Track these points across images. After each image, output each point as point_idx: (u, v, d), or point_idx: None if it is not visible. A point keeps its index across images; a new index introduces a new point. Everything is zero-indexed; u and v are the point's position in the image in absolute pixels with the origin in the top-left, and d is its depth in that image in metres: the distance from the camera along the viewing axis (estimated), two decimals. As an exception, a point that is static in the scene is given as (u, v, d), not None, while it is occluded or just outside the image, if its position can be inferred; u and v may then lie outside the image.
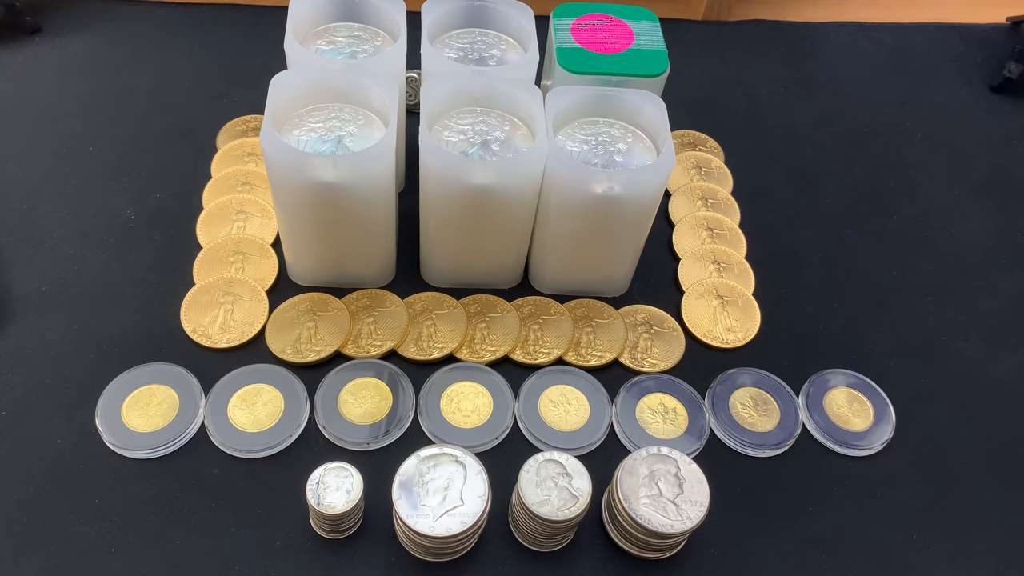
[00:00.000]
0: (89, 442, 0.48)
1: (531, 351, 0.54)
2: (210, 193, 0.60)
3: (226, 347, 0.52)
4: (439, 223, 0.53)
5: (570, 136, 0.53)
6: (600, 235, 0.53)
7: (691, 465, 0.45)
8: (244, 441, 0.48)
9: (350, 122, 0.51)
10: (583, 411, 0.52)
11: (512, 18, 0.56)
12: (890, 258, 0.63)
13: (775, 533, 0.48)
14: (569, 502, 0.43)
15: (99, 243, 0.57)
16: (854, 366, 0.56)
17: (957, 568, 0.48)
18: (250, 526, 0.46)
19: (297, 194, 0.49)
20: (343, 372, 0.52)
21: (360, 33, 0.56)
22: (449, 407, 0.51)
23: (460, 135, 0.51)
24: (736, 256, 0.60)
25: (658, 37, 0.56)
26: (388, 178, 0.49)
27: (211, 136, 0.64)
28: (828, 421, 0.53)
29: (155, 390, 0.50)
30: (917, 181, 0.68)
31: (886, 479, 0.51)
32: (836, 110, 0.73)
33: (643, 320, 0.56)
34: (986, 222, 0.66)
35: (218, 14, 0.73)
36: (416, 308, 0.55)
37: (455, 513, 0.42)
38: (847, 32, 0.80)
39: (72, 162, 0.61)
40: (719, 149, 0.68)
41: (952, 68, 0.78)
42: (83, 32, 0.70)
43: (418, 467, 0.43)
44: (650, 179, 0.49)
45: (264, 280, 0.55)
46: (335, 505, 0.43)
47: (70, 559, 0.44)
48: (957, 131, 0.73)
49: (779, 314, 0.58)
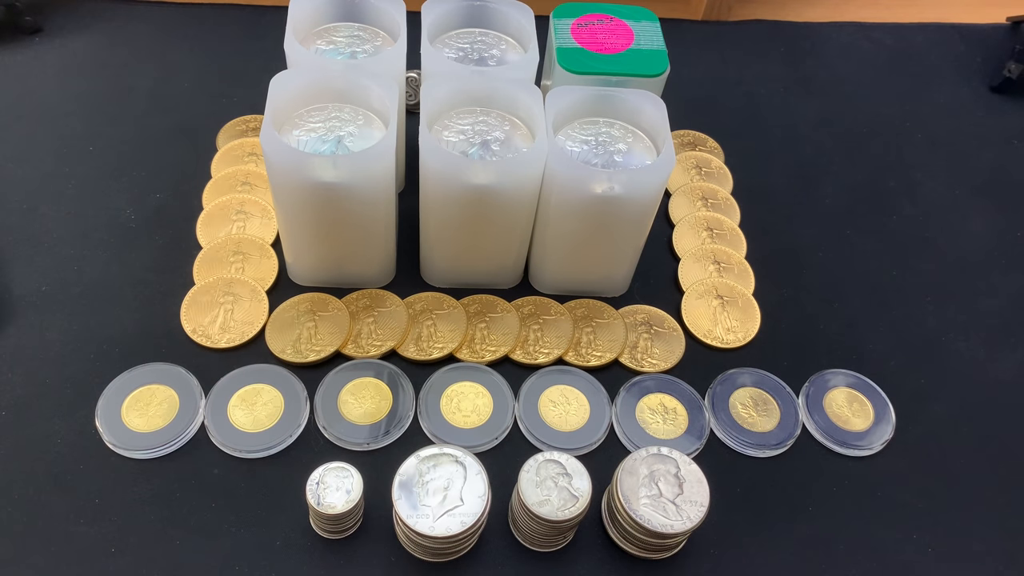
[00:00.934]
0: (89, 442, 0.48)
1: (531, 351, 0.54)
2: (210, 193, 0.60)
3: (226, 347, 0.52)
4: (439, 223, 0.53)
5: (570, 136, 0.53)
6: (600, 235, 0.53)
7: (691, 465, 0.45)
8: (244, 441, 0.48)
9: (350, 122, 0.51)
10: (583, 411, 0.52)
11: (512, 18, 0.56)
12: (890, 258, 0.63)
13: (775, 533, 0.48)
14: (569, 502, 0.43)
15: (99, 243, 0.57)
16: (854, 366, 0.56)
17: (957, 568, 0.48)
18: (250, 526, 0.46)
19: (297, 194, 0.49)
20: (343, 372, 0.52)
21: (360, 33, 0.56)
22: (449, 407, 0.51)
23: (460, 135, 0.51)
24: (736, 256, 0.60)
25: (658, 37, 0.56)
26: (388, 178, 0.49)
27: (211, 136, 0.64)
28: (828, 421, 0.53)
29: (155, 390, 0.50)
30: (917, 181, 0.68)
31: (886, 479, 0.51)
32: (836, 110, 0.73)
33: (643, 320, 0.56)
34: (986, 222, 0.66)
35: (218, 14, 0.73)
36: (416, 308, 0.55)
37: (455, 513, 0.42)
38: (847, 32, 0.80)
39: (72, 162, 0.61)
40: (719, 149, 0.68)
41: (952, 68, 0.78)
42: (83, 32, 0.70)
43: (418, 467, 0.43)
44: (650, 179, 0.49)
45: (264, 280, 0.55)
46: (335, 505, 0.43)
47: (70, 559, 0.44)
48: (957, 131, 0.73)
49: (779, 314, 0.58)
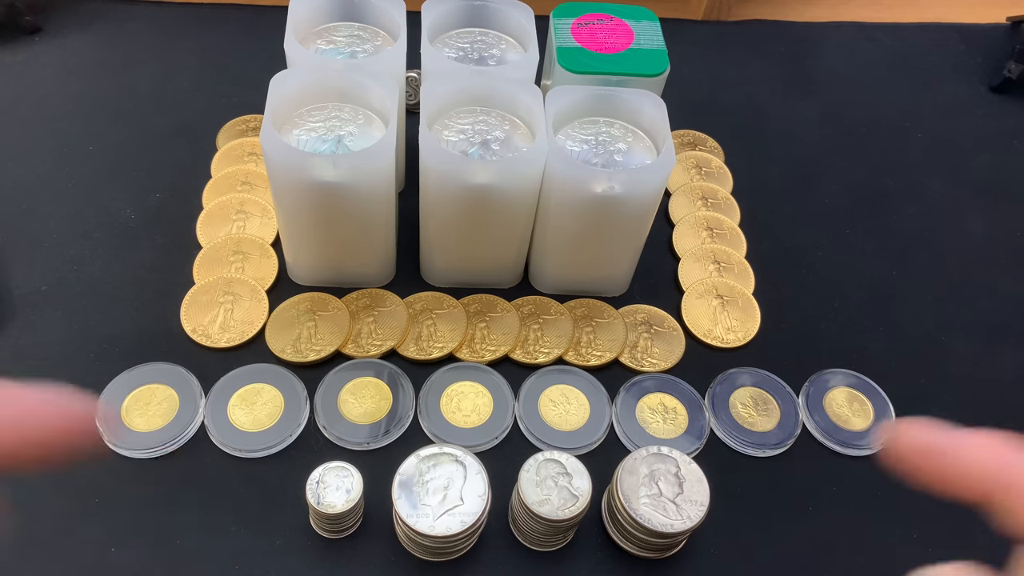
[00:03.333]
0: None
1: (531, 351, 0.54)
2: (210, 193, 0.60)
3: (226, 347, 0.52)
4: (439, 223, 0.53)
5: (570, 136, 0.53)
6: (600, 235, 0.53)
7: (691, 465, 0.45)
8: (244, 441, 0.48)
9: (350, 122, 0.51)
10: (583, 411, 0.52)
11: (512, 18, 0.56)
12: (890, 258, 0.63)
13: (775, 533, 0.48)
14: (569, 502, 0.43)
15: (99, 243, 0.57)
16: (854, 366, 0.56)
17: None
18: (250, 526, 0.46)
19: (297, 194, 0.49)
20: (343, 372, 0.52)
21: (360, 33, 0.56)
22: (449, 407, 0.51)
23: (460, 135, 0.51)
24: (736, 256, 0.60)
25: (658, 37, 0.56)
26: (388, 178, 0.49)
27: (211, 136, 0.64)
28: (828, 421, 0.53)
29: (155, 390, 0.50)
30: (917, 181, 0.68)
31: (886, 479, 0.51)
32: (836, 110, 0.73)
33: (643, 320, 0.56)
34: (986, 222, 0.66)
35: (218, 14, 0.73)
36: (416, 308, 0.55)
37: (455, 513, 0.42)
38: (847, 32, 0.80)
39: (72, 162, 0.61)
40: (719, 149, 0.68)
41: (952, 68, 0.78)
42: (83, 32, 0.70)
43: (418, 467, 0.43)
44: (650, 179, 0.49)
45: (264, 280, 0.55)
46: (335, 505, 0.43)
47: (70, 559, 0.44)
48: (957, 131, 0.73)
49: (779, 314, 0.58)
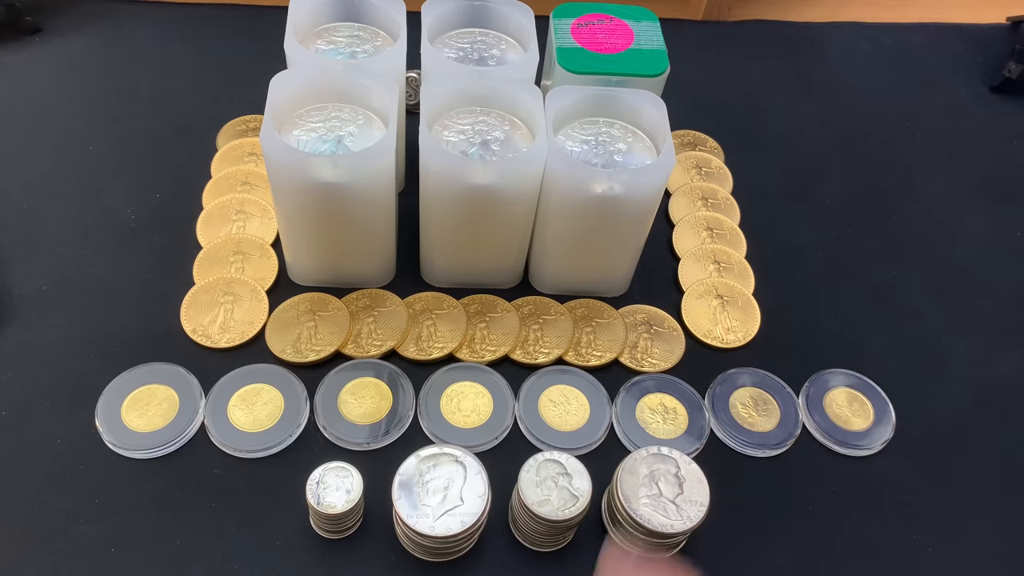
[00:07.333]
0: (89, 442, 0.48)
1: (531, 351, 0.54)
2: (210, 193, 0.60)
3: (226, 347, 0.52)
4: (439, 223, 0.53)
5: (570, 136, 0.53)
6: (600, 235, 0.53)
7: (691, 465, 0.45)
8: (244, 441, 0.48)
9: (350, 122, 0.51)
10: (583, 411, 0.52)
11: (512, 18, 0.56)
12: (890, 258, 0.63)
13: (775, 533, 0.48)
14: (569, 502, 0.43)
15: (99, 243, 0.57)
16: (854, 366, 0.56)
17: (957, 568, 0.48)
18: (250, 526, 0.46)
19: (297, 194, 0.49)
20: (343, 372, 0.52)
21: (360, 33, 0.56)
22: (449, 407, 0.51)
23: (460, 135, 0.51)
24: (736, 256, 0.60)
25: (658, 37, 0.56)
26: (388, 178, 0.49)
27: (211, 136, 0.64)
28: (828, 421, 0.53)
29: (155, 390, 0.50)
30: (917, 181, 0.68)
31: (886, 479, 0.51)
32: (836, 110, 0.73)
33: (643, 320, 0.56)
34: (986, 222, 0.66)
35: (218, 14, 0.73)
36: (416, 308, 0.55)
37: (455, 513, 0.42)
38: (847, 32, 0.80)
39: (72, 162, 0.61)
40: (719, 149, 0.68)
41: (952, 68, 0.78)
42: (83, 32, 0.70)
43: (418, 467, 0.43)
44: (650, 179, 0.49)
45: (264, 280, 0.55)
46: (335, 505, 0.43)
47: (70, 559, 0.44)
48: (957, 131, 0.73)
49: (779, 314, 0.58)
